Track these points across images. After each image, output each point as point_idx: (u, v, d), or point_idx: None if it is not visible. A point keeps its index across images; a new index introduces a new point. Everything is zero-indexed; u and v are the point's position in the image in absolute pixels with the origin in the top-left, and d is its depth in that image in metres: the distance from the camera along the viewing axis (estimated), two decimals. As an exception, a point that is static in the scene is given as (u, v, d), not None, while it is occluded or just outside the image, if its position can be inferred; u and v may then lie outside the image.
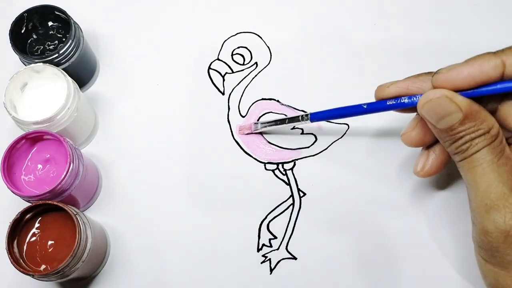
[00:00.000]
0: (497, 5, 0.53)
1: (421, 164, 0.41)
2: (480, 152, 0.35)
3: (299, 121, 0.45)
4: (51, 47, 0.48)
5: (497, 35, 0.52)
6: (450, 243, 0.45)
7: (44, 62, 0.45)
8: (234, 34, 0.53)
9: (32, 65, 0.44)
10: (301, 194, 0.47)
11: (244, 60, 0.52)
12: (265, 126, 0.47)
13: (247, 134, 0.49)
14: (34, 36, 0.48)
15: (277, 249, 0.45)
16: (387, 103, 0.39)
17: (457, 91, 0.36)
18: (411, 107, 0.38)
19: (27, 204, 0.40)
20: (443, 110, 0.35)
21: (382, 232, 0.45)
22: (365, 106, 0.40)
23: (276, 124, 0.47)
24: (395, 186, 0.47)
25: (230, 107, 0.50)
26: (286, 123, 0.46)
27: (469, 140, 0.35)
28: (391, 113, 0.49)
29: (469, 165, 0.36)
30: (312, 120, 0.44)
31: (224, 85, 0.51)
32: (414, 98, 0.38)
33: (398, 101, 0.39)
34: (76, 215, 0.40)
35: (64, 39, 0.48)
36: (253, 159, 0.48)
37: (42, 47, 0.48)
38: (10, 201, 0.45)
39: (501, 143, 0.36)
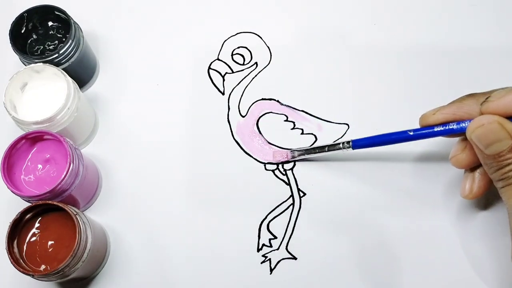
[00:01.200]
0: (496, 5, 0.53)
1: (468, 187, 0.41)
2: None
3: (340, 149, 0.44)
4: (51, 47, 0.48)
5: (497, 35, 0.52)
6: (450, 243, 0.45)
7: (44, 62, 0.45)
8: (234, 34, 0.53)
9: (32, 65, 0.44)
10: (301, 194, 0.47)
11: (244, 60, 0.52)
12: (303, 154, 0.47)
13: (280, 161, 0.48)
14: (34, 36, 0.48)
15: (277, 249, 0.45)
16: (435, 130, 0.39)
17: (507, 117, 0.36)
18: (458, 133, 0.39)
19: (27, 204, 0.40)
20: (494, 136, 0.36)
21: (382, 232, 0.45)
22: (411, 133, 0.40)
23: (315, 152, 0.46)
24: (395, 186, 0.47)
25: (230, 107, 0.50)
26: (326, 151, 0.45)
27: None
28: (390, 115, 0.49)
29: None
30: (354, 148, 0.43)
31: (224, 85, 0.51)
32: (463, 124, 0.38)
33: (447, 127, 0.39)
34: (76, 215, 0.40)
35: (64, 39, 0.48)
36: (253, 159, 0.48)
37: (42, 47, 0.48)
38: (10, 201, 0.45)
39: None
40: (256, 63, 0.52)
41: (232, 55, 0.52)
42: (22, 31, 0.47)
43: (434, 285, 0.44)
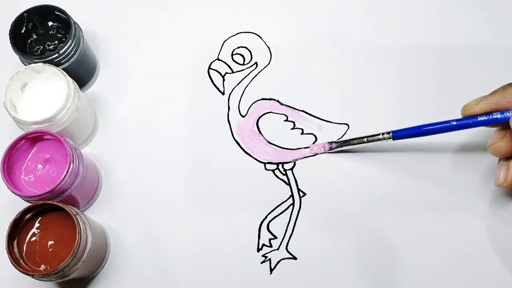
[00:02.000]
0: (496, 5, 0.53)
1: (503, 176, 0.41)
2: None
3: (380, 140, 0.43)
4: (51, 47, 0.48)
5: (497, 35, 0.52)
6: (450, 243, 0.45)
7: (44, 62, 0.45)
8: (234, 34, 0.53)
9: (32, 65, 0.44)
10: (301, 194, 0.47)
11: (244, 60, 0.52)
12: (341, 146, 0.46)
13: (316, 154, 0.48)
14: (34, 36, 0.48)
15: (277, 249, 0.45)
16: (479, 119, 0.39)
17: None
18: (502, 122, 0.39)
19: (27, 204, 0.40)
20: None
21: (382, 232, 0.45)
22: (454, 123, 0.40)
23: (354, 144, 0.45)
24: (395, 186, 0.47)
25: (230, 107, 0.50)
26: (366, 142, 0.44)
27: None
28: (390, 115, 0.49)
29: None
30: (394, 139, 0.43)
31: (224, 85, 0.51)
32: (507, 114, 0.38)
33: (491, 117, 0.39)
34: (76, 215, 0.40)
35: (64, 39, 0.48)
36: (253, 159, 0.48)
37: (42, 47, 0.48)
38: (10, 201, 0.45)
39: None
40: (256, 63, 0.52)
41: (232, 55, 0.52)
42: (22, 31, 0.47)
43: (434, 285, 0.44)
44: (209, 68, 0.52)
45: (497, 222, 0.45)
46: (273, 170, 0.48)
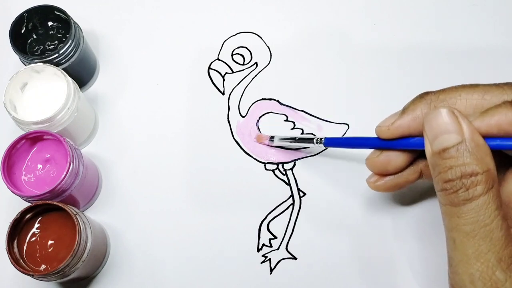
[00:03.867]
0: (496, 5, 0.53)
1: (374, 177, 0.40)
2: (474, 202, 0.30)
3: (312, 143, 0.43)
4: (51, 47, 0.48)
5: (497, 35, 0.52)
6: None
7: (44, 62, 0.45)
8: (234, 34, 0.53)
9: (32, 65, 0.44)
10: (301, 194, 0.47)
11: (244, 60, 0.52)
12: (281, 142, 0.47)
13: (262, 143, 0.48)
14: (34, 36, 0.48)
15: (277, 249, 0.45)
16: (400, 142, 0.37)
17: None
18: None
19: (27, 204, 0.40)
20: (442, 126, 0.32)
21: (382, 232, 0.45)
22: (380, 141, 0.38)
23: (291, 141, 0.46)
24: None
25: (230, 107, 0.50)
26: (296, 141, 0.45)
27: (460, 177, 0.30)
28: (389, 112, 0.49)
29: (455, 219, 0.31)
30: (325, 145, 0.42)
31: (224, 85, 0.51)
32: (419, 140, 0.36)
33: (410, 141, 0.36)
34: (76, 215, 0.40)
35: (64, 39, 0.48)
36: (253, 159, 0.48)
37: (42, 47, 0.48)
38: (10, 201, 0.45)
39: (498, 196, 0.30)
40: (256, 63, 0.52)
41: (232, 55, 0.52)
42: (22, 31, 0.47)
43: (434, 285, 0.44)
44: (209, 68, 0.52)
45: (421, 216, 0.45)
46: (273, 170, 0.48)
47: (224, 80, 0.51)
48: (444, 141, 0.31)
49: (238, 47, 0.52)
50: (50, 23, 0.48)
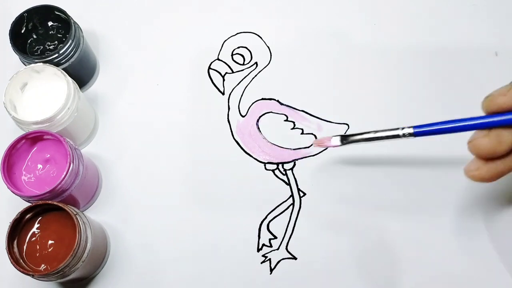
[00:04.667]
0: (497, 5, 0.53)
1: (476, 164, 0.34)
2: None
3: (399, 137, 0.38)
4: (51, 47, 0.48)
5: (497, 35, 0.52)
6: (450, 243, 0.45)
7: (44, 62, 0.45)
8: (234, 34, 0.53)
9: (32, 65, 0.44)
10: (301, 194, 0.47)
11: (244, 60, 0.52)
12: (354, 142, 0.41)
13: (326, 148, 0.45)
14: (34, 36, 0.48)
15: (277, 249, 0.45)
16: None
17: None
18: None
19: (27, 204, 0.40)
20: None
21: (382, 232, 0.45)
22: (486, 120, 0.34)
23: (369, 140, 0.40)
24: (395, 186, 0.47)
25: (230, 107, 0.50)
26: (383, 139, 0.39)
27: None
28: (390, 115, 0.49)
29: None
30: (416, 135, 0.37)
31: (224, 85, 0.51)
32: None
33: None
34: (76, 215, 0.40)
35: (64, 39, 0.48)
36: (253, 159, 0.48)
37: (42, 47, 0.48)
38: (10, 201, 0.45)
39: None
40: (256, 63, 0.52)
41: (232, 55, 0.52)
42: (22, 31, 0.47)
43: (434, 285, 0.44)
44: (209, 68, 0.52)
45: (498, 223, 0.45)
46: (273, 170, 0.48)
47: (224, 80, 0.51)
48: None
49: (238, 47, 0.52)
50: (50, 23, 0.48)
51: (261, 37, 0.53)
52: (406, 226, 0.45)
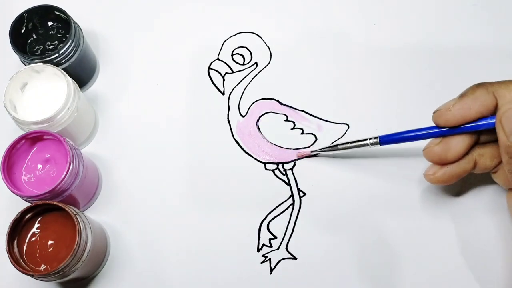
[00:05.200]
0: (497, 5, 0.53)
1: (433, 169, 0.40)
2: None
3: (367, 145, 0.43)
4: (51, 47, 0.48)
5: (497, 35, 0.52)
6: (451, 243, 0.45)
7: (44, 62, 0.45)
8: (234, 34, 0.53)
9: (32, 65, 0.44)
10: (301, 194, 0.47)
11: (244, 60, 0.52)
12: (325, 150, 0.47)
13: (304, 157, 0.48)
14: (34, 36, 0.48)
15: (277, 249, 0.45)
16: (467, 126, 0.38)
17: None
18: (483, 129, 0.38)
19: (27, 204, 0.40)
20: None
21: (382, 232, 0.45)
22: (437, 130, 0.40)
23: (339, 150, 0.45)
24: (395, 186, 0.47)
25: (230, 107, 0.50)
26: (351, 148, 0.44)
27: None
28: (390, 115, 0.49)
29: None
30: (381, 144, 0.42)
31: (224, 85, 0.51)
32: (490, 120, 0.38)
33: (476, 123, 0.38)
34: (76, 215, 0.40)
35: (64, 39, 0.48)
36: (253, 159, 0.48)
37: (42, 47, 0.48)
38: (10, 201, 0.45)
39: None
40: (256, 63, 0.52)
41: (232, 55, 0.52)
42: (22, 31, 0.47)
43: (434, 285, 0.44)
44: (209, 68, 0.52)
45: (497, 222, 0.45)
46: (273, 170, 0.48)
47: (224, 80, 0.51)
48: None
49: (238, 47, 0.52)
50: (50, 23, 0.48)
51: (261, 37, 0.53)
52: (406, 226, 0.45)
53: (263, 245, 0.46)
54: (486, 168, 0.41)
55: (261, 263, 0.45)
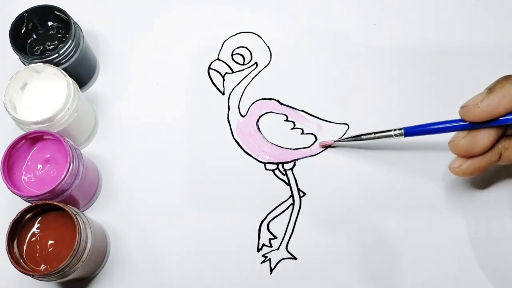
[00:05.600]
0: (497, 5, 0.53)
1: (458, 162, 0.40)
2: None
3: (391, 136, 0.43)
4: (51, 47, 0.48)
5: (497, 35, 0.52)
6: (450, 243, 0.45)
7: (44, 62, 0.45)
8: (234, 34, 0.53)
9: (32, 65, 0.44)
10: (301, 194, 0.47)
11: (244, 60, 0.52)
12: (348, 140, 0.47)
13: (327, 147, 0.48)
14: (34, 36, 0.48)
15: (277, 249, 0.45)
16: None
17: None
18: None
19: (27, 204, 0.40)
20: None
21: (382, 231, 0.45)
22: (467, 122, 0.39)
23: (363, 140, 0.45)
24: (395, 186, 0.47)
25: (230, 107, 0.50)
26: (374, 138, 0.44)
27: None
28: (390, 115, 0.49)
29: None
30: (406, 135, 0.42)
31: (224, 85, 0.51)
32: None
33: (503, 118, 0.38)
34: (76, 215, 0.40)
35: (64, 39, 0.48)
36: (253, 159, 0.48)
37: (42, 47, 0.48)
38: (10, 201, 0.45)
39: None
40: (256, 63, 0.52)
41: (232, 55, 0.52)
42: (22, 31, 0.47)
43: (434, 285, 0.44)
44: (209, 68, 0.52)
45: (498, 222, 0.45)
46: (273, 170, 0.48)
47: (224, 80, 0.51)
48: None
49: (238, 47, 0.52)
50: (50, 23, 0.48)
51: (261, 37, 0.53)
52: (406, 226, 0.45)
53: (263, 245, 0.46)
54: (510, 160, 0.40)
55: (261, 263, 0.45)
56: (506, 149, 0.40)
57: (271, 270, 0.45)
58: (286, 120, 0.49)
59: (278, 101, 0.50)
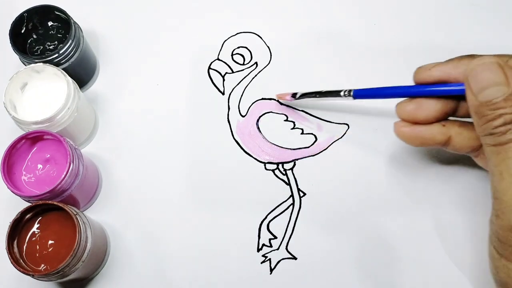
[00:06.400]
0: (497, 5, 0.53)
1: (403, 123, 0.40)
2: None
3: (340, 96, 0.44)
4: (51, 47, 0.48)
5: (497, 35, 0.52)
6: (450, 243, 0.45)
7: (44, 62, 0.45)
8: (234, 34, 0.53)
9: (32, 65, 0.44)
10: (301, 194, 0.47)
11: (244, 60, 0.52)
12: (304, 97, 0.47)
13: (284, 100, 0.49)
14: (34, 36, 0.48)
15: (277, 249, 0.45)
16: (433, 89, 0.38)
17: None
18: (454, 94, 0.38)
19: (27, 204, 0.40)
20: (490, 77, 0.34)
21: (382, 231, 0.45)
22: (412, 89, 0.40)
23: (315, 97, 0.46)
24: (395, 186, 0.47)
25: (230, 107, 0.50)
26: (326, 96, 0.45)
27: (509, 122, 0.33)
28: (388, 112, 0.49)
29: (503, 154, 0.33)
30: (355, 97, 0.43)
31: (224, 85, 0.51)
32: (462, 87, 0.36)
33: (448, 88, 0.38)
34: (76, 215, 0.40)
35: (64, 39, 0.48)
36: (253, 159, 0.48)
37: (42, 47, 0.48)
38: (10, 201, 0.45)
39: None
40: (256, 63, 0.52)
41: (232, 55, 0.52)
42: (22, 31, 0.47)
43: (435, 285, 0.44)
44: (209, 68, 0.52)
45: (464, 231, 0.45)
46: (273, 170, 0.48)
47: (224, 80, 0.51)
48: (491, 93, 0.33)
49: (238, 47, 0.52)
50: (50, 23, 0.48)
51: (261, 37, 0.53)
52: (406, 226, 0.45)
53: (263, 245, 0.46)
54: (463, 147, 0.40)
55: (261, 263, 0.45)
56: (459, 135, 0.39)
57: (271, 270, 0.45)
58: (286, 120, 0.49)
59: (278, 101, 0.50)
